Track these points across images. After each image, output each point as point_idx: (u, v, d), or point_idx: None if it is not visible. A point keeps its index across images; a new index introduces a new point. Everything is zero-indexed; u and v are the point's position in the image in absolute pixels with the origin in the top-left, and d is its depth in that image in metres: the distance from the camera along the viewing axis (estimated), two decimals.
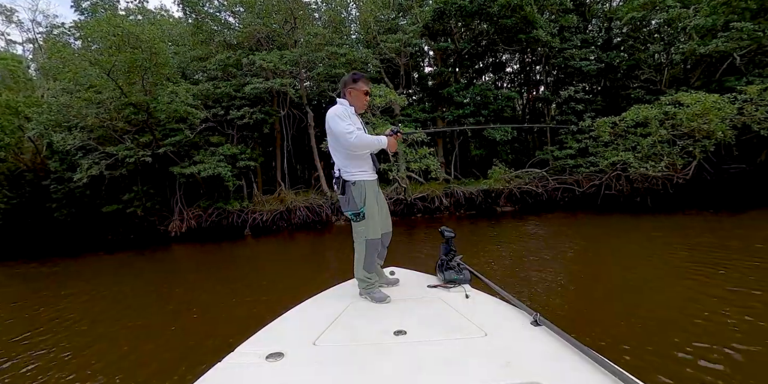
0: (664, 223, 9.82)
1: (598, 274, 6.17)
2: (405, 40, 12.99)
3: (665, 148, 10.53)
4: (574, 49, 14.42)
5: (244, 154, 14.93)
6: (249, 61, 13.14)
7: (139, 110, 14.43)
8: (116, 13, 18.53)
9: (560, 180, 13.38)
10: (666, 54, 14.12)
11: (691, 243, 7.51)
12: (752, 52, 12.77)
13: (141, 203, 16.11)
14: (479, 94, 13.73)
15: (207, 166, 13.83)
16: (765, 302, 4.22)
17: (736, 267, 5.54)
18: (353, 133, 2.29)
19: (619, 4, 17.16)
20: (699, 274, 5.37)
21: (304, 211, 14.69)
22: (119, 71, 13.70)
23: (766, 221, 9.02)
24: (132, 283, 8.13)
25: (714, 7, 12.67)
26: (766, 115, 9.76)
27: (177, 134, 14.38)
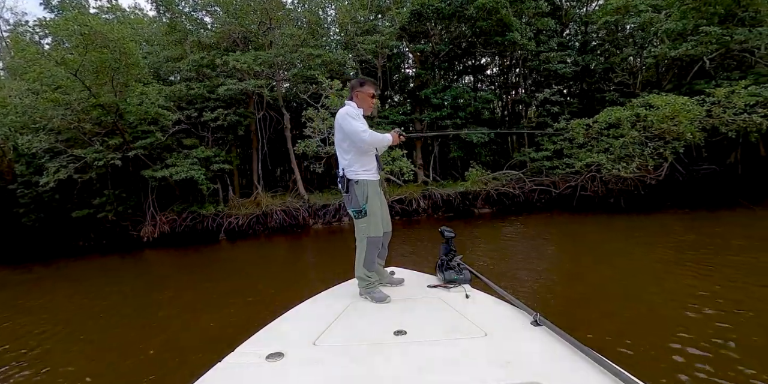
0: (643, 222, 10.00)
1: (581, 272, 6.33)
2: (381, 41, 12.88)
3: (636, 149, 10.66)
4: (551, 52, 14.55)
5: (218, 156, 14.59)
6: (222, 62, 12.84)
7: (108, 112, 13.97)
8: (86, 11, 17.99)
9: (537, 181, 13.43)
10: (639, 57, 14.35)
11: (672, 241, 7.69)
12: (721, 56, 13.07)
13: (113, 208, 15.60)
14: (456, 96, 13.69)
15: (179, 170, 13.47)
16: (752, 296, 4.37)
17: (721, 263, 5.75)
18: (366, 131, 2.42)
19: (594, 9, 17.42)
20: (687, 271, 5.52)
21: (280, 214, 14.42)
22: (87, 71, 13.26)
23: (739, 219, 9.30)
24: (93, 293, 7.78)
25: (684, 11, 12.92)
26: (732, 117, 9.94)
27: (148, 137, 13.96)
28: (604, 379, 1.32)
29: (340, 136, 2.55)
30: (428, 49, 14.04)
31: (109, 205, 15.57)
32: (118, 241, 16.00)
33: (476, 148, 14.27)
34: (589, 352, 1.46)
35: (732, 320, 3.80)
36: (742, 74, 12.48)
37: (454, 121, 13.84)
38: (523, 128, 14.90)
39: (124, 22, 16.63)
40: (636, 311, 4.32)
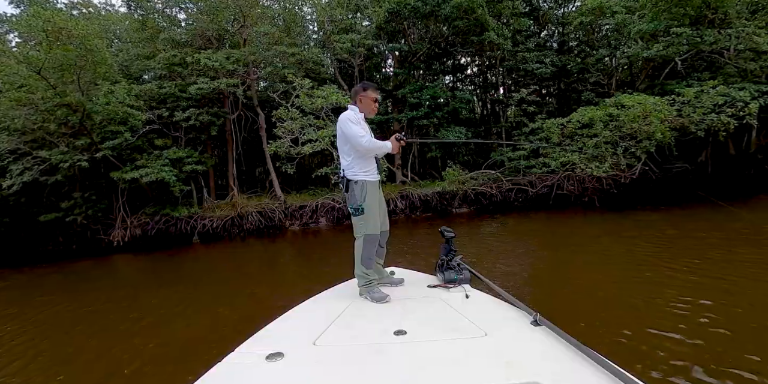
0: (618, 220, 10.18)
1: (563, 268, 6.31)
2: (358, 40, 12.70)
3: (609, 148, 10.74)
4: (527, 52, 14.60)
5: (191, 157, 14.19)
6: (194, 60, 12.48)
7: (74, 111, 13.45)
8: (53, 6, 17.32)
9: (514, 181, 13.45)
10: (613, 58, 14.52)
11: (647, 236, 7.85)
12: (693, 57, 13.31)
13: (82, 211, 15.04)
14: (433, 96, 13.61)
15: (150, 171, 13.04)
16: (736, 286, 4.58)
17: (696, 256, 5.97)
18: (365, 137, 2.52)
19: (572, 10, 17.60)
20: (664, 263, 5.74)
21: (256, 216, 14.10)
22: (51, 69, 12.73)
23: (714, 215, 9.54)
24: (59, 303, 7.37)
25: (656, 13, 13.11)
26: (702, 117, 10.09)
27: (117, 137, 13.49)
28: (605, 379, 1.32)
29: (342, 139, 2.63)
30: (405, 48, 13.92)
31: (78, 208, 15.00)
32: (88, 246, 15.45)
33: (454, 147, 14.20)
34: (589, 352, 1.46)
35: (707, 308, 4.01)
36: (712, 75, 12.72)
37: (431, 121, 13.76)
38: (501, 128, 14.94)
39: (91, 18, 16.04)
40: (613, 297, 4.60)
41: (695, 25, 12.97)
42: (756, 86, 11.94)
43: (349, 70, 15.20)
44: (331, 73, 14.74)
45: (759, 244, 6.39)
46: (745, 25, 12.26)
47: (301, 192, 15.31)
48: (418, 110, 13.92)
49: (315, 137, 9.34)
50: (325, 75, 14.65)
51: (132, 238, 14.57)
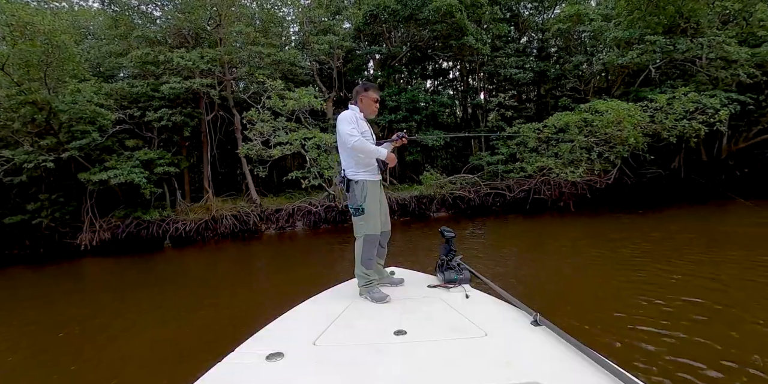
0: (597, 223, 10.33)
1: (550, 268, 6.44)
2: (336, 42, 12.54)
3: (584, 154, 10.80)
4: (506, 57, 14.66)
5: (163, 159, 13.77)
6: (166, 59, 12.13)
7: (40, 110, 12.93)
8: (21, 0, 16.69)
9: (492, 185, 13.44)
10: (590, 65, 14.70)
11: (623, 238, 8.11)
12: (666, 65, 13.56)
13: (48, 214, 14.45)
14: (412, 99, 13.53)
15: (119, 173, 12.59)
16: (716, 283, 4.89)
17: (673, 256, 6.24)
18: (355, 136, 2.49)
19: (551, 17, 17.81)
20: (641, 262, 6.04)
21: (231, 219, 13.75)
22: (16, 65, 12.23)
23: (690, 219, 9.93)
24: (18, 311, 6.95)
25: (631, 21, 13.33)
26: (674, 123, 10.23)
27: (85, 137, 13.00)
28: (604, 379, 1.32)
29: (340, 137, 2.63)
30: (385, 51, 13.82)
31: (44, 210, 14.41)
32: (56, 250, 14.84)
33: (433, 151, 14.14)
34: (589, 352, 1.46)
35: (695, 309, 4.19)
36: (684, 82, 12.96)
37: (409, 124, 13.67)
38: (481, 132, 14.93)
39: (59, 13, 15.50)
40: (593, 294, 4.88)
41: (669, 34, 13.23)
42: (726, 94, 12.21)
43: (328, 72, 15.02)
44: (310, 74, 14.52)
45: (737, 246, 6.79)
46: (716, 34, 12.55)
47: (279, 195, 15.01)
48: (396, 113, 13.82)
49: (286, 140, 9.11)
50: (303, 77, 14.42)
51: (101, 241, 14.04)
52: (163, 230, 14.10)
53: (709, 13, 13.37)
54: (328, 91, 14.41)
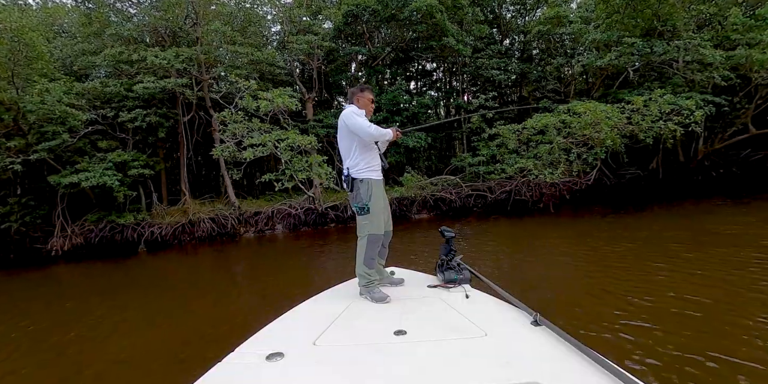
0: (575, 224, 10.41)
1: (539, 266, 6.54)
2: (315, 41, 12.34)
3: (562, 155, 10.81)
4: (486, 58, 14.66)
5: (137, 161, 13.38)
6: (139, 58, 11.78)
7: (7, 110, 12.45)
8: None
9: (473, 187, 13.38)
10: (570, 67, 14.80)
11: (607, 237, 8.31)
12: (644, 67, 13.73)
13: (18, 218, 13.91)
14: (393, 101, 13.41)
15: (90, 175, 12.18)
16: (704, 279, 5.09)
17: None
18: (371, 125, 2.56)
19: (533, 19, 17.93)
20: (620, 259, 6.28)
21: (208, 223, 13.42)
22: None
23: (671, 217, 10.16)
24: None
25: (609, 24, 13.46)
26: (650, 124, 10.31)
27: (55, 138, 12.55)
28: (605, 379, 1.32)
29: (346, 134, 2.63)
30: (365, 51, 13.69)
31: (14, 214, 13.88)
32: (26, 255, 14.30)
33: (415, 152, 14.03)
34: (589, 352, 1.46)
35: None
36: (661, 85, 13.10)
37: (390, 126, 13.48)
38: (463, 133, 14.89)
39: (27, 10, 15.00)
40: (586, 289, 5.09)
41: (646, 37, 13.38)
42: (702, 96, 12.39)
43: (309, 72, 14.82)
44: (290, 75, 14.30)
45: (719, 244, 6.98)
46: (692, 37, 12.72)
47: (259, 197, 14.73)
48: (376, 114, 13.68)
49: (258, 141, 8.86)
50: (283, 77, 14.19)
51: (74, 246, 13.58)
52: (138, 234, 13.70)
53: (685, 16, 13.57)
54: (308, 92, 14.20)
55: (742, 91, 14.38)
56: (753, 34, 13.15)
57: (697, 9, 13.68)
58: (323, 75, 16.25)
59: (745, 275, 4.99)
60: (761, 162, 14.67)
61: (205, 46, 12.76)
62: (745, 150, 15.32)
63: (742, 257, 5.82)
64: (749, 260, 5.60)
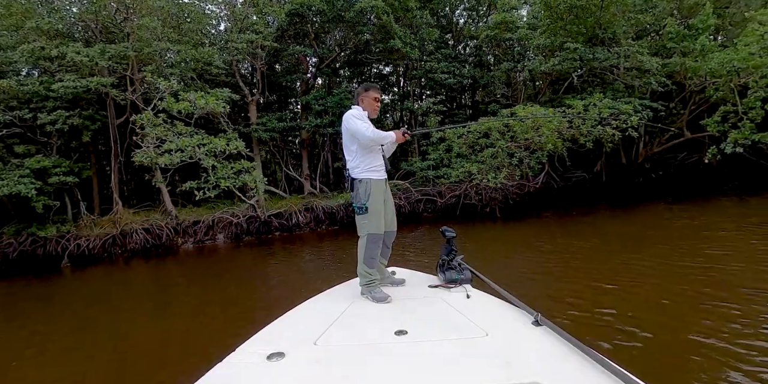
0: (523, 227, 10.49)
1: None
2: (257, 40, 11.71)
3: (505, 159, 10.79)
4: (435, 62, 14.56)
5: (59, 167, 12.20)
6: (58, 54, 10.73)
7: None
8: None
9: (423, 191, 13.17)
10: (517, 72, 14.98)
11: (553, 242, 8.54)
12: (587, 74, 14.08)
13: None
14: (339, 103, 13.00)
15: (3, 184, 10.96)
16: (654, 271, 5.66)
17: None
18: (369, 128, 2.57)
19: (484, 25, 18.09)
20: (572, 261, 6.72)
21: (141, 234, 12.42)
22: None
23: (611, 218, 10.72)
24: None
25: (553, 29, 13.70)
26: (590, 128, 10.47)
27: None
28: (605, 379, 1.31)
29: (347, 136, 2.68)
30: (310, 52, 13.21)
31: None
32: None
33: None
34: (590, 352, 1.46)
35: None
36: (603, 90, 13.46)
37: (336, 129, 13.08)
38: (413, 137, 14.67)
39: None
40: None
41: (589, 44, 13.72)
42: (640, 101, 12.83)
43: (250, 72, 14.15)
44: (231, 75, 13.56)
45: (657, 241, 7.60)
46: (630, 45, 13.15)
47: (201, 205, 13.83)
48: (323, 118, 13.21)
49: (177, 147, 8.13)
50: (224, 78, 13.44)
51: None
52: (62, 248, 12.49)
53: (624, 25, 14.04)
54: (251, 94, 13.52)
55: (677, 97, 15.07)
56: (687, 43, 13.78)
57: (635, 18, 14.20)
58: (269, 76, 15.61)
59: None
60: (695, 164, 15.43)
61: (136, 43, 11.82)
62: (682, 153, 16.09)
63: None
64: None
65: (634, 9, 14.11)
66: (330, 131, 13.19)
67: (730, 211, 10.40)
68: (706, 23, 13.38)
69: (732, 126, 11.64)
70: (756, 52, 11.23)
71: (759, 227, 7.79)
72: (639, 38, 14.66)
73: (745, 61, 11.12)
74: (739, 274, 5.14)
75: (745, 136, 11.23)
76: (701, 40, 13.04)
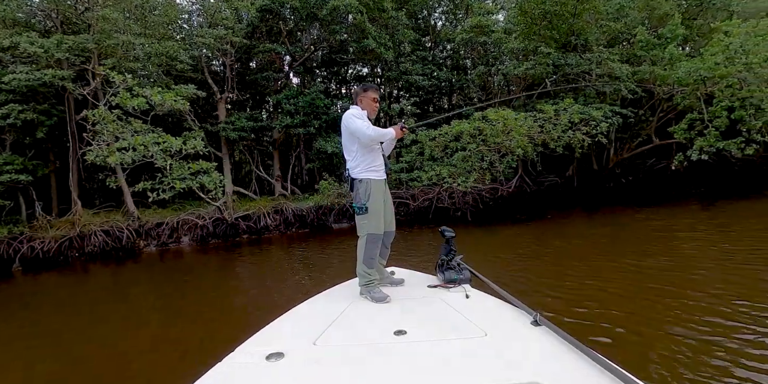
0: (495, 232, 10.41)
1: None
2: (226, 36, 11.31)
3: (476, 163, 10.72)
4: (410, 63, 14.44)
5: (11, 165, 11.51)
6: (11, 44, 10.10)
7: None
8: None
9: (396, 194, 12.98)
10: (490, 75, 15.03)
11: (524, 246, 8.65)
12: (560, 79, 14.20)
13: None
14: (311, 103, 12.70)
15: None
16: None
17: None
18: (370, 127, 2.58)
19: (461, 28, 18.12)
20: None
21: (101, 236, 11.81)
22: None
23: (586, 222, 10.97)
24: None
25: (527, 34, 13.79)
26: (560, 133, 10.51)
27: None
28: (604, 379, 1.31)
29: (347, 136, 2.65)
30: (282, 50, 12.87)
31: None
32: None
33: (336, 158, 13.36)
34: (590, 352, 1.45)
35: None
36: (575, 96, 13.60)
37: (308, 130, 12.80)
38: None
39: None
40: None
41: (563, 49, 13.86)
42: (611, 107, 13.00)
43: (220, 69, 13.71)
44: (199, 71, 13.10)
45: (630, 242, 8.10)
46: (601, 51, 13.33)
47: (166, 207, 13.28)
48: (294, 117, 12.89)
49: (129, 145, 7.67)
50: (191, 74, 12.96)
51: None
52: (14, 250, 11.78)
53: (596, 32, 14.25)
54: (220, 91, 13.09)
55: (647, 105, 15.38)
56: (656, 51, 14.08)
57: (607, 26, 14.43)
58: (243, 74, 15.18)
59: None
60: (664, 170, 15.77)
61: (97, 35, 11.25)
62: (651, 159, 16.44)
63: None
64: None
65: (606, 17, 14.35)
66: (301, 131, 12.86)
67: (696, 215, 10.69)
68: (674, 33, 13.70)
69: (698, 133, 11.88)
70: (721, 61, 11.51)
71: (722, 230, 8.26)
72: (611, 46, 14.89)
73: (711, 71, 11.38)
74: (705, 272, 5.55)
75: (710, 143, 11.47)
76: (670, 49, 13.33)
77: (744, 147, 11.06)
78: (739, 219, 9.32)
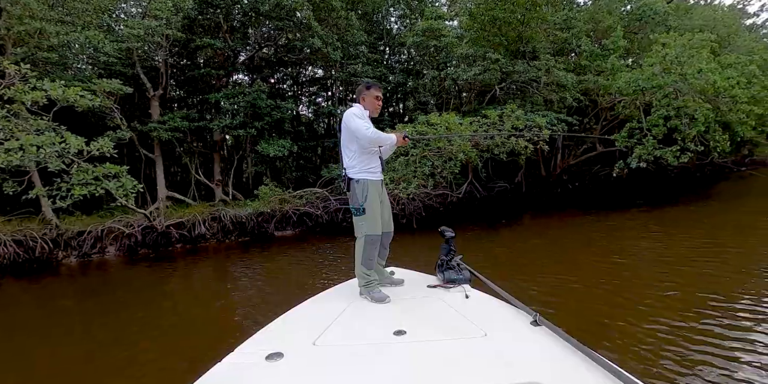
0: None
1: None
2: (156, 28, 10.47)
3: (418, 168, 10.50)
4: (360, 65, 14.11)
5: None
6: None
7: None
8: None
9: (343, 200, 12.51)
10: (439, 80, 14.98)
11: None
12: (509, 86, 14.36)
13: None
14: (252, 104, 12.06)
15: None
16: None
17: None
18: (370, 128, 2.56)
19: None
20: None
21: (10, 246, 10.55)
22: None
23: (541, 226, 11.42)
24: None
25: (476, 39, 13.85)
26: (504, 140, 10.48)
27: None
28: (604, 379, 1.31)
29: (346, 135, 2.65)
30: (218, 45, 12.15)
31: None
32: None
33: (278, 161, 12.74)
34: (589, 352, 1.46)
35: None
36: (523, 103, 13.77)
37: (249, 131, 12.12)
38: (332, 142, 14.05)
39: None
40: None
41: (511, 56, 14.01)
42: (557, 115, 13.25)
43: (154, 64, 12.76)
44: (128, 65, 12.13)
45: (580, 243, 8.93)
46: (549, 59, 13.58)
47: (91, 214, 12.13)
48: (234, 118, 12.20)
49: (21, 145, 6.73)
50: (120, 68, 11.97)
51: None
52: None
53: (543, 40, 14.54)
54: (154, 88, 12.16)
55: (591, 113, 15.86)
56: (599, 62, 14.54)
57: (554, 35, 14.77)
58: (183, 70, 14.25)
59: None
60: (608, 177, 16.31)
61: (9, 21, 10.09)
62: (596, 166, 16.99)
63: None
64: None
65: (554, 26, 14.68)
66: (240, 133, 12.14)
67: (636, 219, 11.10)
68: (616, 44, 14.20)
69: (637, 141, 12.27)
70: (658, 72, 11.95)
71: (658, 233, 9.19)
72: (559, 55, 15.25)
73: (648, 81, 11.77)
74: (643, 269, 6.51)
75: (648, 151, 11.86)
76: (611, 59, 13.78)
77: (679, 155, 11.49)
78: (678, 221, 10.21)
